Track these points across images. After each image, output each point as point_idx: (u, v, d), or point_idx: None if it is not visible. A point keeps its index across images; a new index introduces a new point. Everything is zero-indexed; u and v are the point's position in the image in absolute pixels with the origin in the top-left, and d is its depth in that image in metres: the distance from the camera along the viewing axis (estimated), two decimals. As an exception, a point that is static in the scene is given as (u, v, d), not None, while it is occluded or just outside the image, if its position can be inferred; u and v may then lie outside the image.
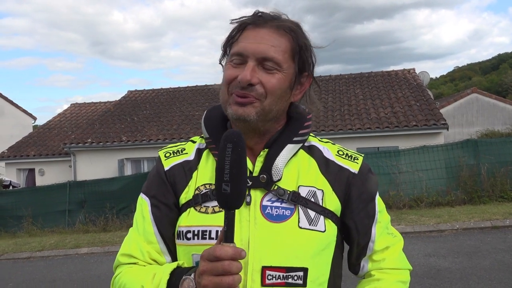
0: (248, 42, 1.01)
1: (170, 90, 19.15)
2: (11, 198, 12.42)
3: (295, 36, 1.04)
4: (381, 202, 1.17)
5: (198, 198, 1.06)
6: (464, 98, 20.42)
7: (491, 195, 9.79)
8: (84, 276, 6.99)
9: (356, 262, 1.16)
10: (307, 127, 1.12)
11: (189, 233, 1.03)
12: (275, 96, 1.02)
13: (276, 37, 1.02)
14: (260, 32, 1.02)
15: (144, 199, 1.12)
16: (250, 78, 0.98)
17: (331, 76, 17.79)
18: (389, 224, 1.19)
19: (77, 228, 11.37)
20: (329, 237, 1.05)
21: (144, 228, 1.08)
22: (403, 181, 10.27)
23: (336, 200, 1.07)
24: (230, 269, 0.81)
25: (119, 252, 1.11)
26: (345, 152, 1.16)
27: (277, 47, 1.01)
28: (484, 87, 44.05)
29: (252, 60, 1.00)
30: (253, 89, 0.99)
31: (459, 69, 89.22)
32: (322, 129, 13.07)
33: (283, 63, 1.01)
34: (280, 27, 1.03)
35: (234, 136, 0.83)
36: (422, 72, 17.08)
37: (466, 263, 5.73)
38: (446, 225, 7.99)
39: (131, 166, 14.95)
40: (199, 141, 1.18)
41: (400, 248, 1.17)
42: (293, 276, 0.99)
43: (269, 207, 1.03)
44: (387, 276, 1.12)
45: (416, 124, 12.49)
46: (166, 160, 1.14)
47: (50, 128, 19.18)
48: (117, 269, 1.10)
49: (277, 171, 1.04)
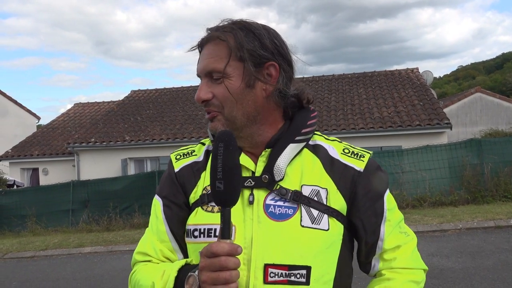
0: (198, 64, 1.09)
1: (173, 90, 19.17)
2: (15, 197, 12.47)
3: (231, 37, 1.04)
4: (391, 200, 1.16)
5: (204, 198, 1.09)
6: (467, 98, 20.34)
7: (494, 195, 9.75)
8: (87, 275, 7.01)
9: (366, 260, 1.16)
10: (311, 126, 1.11)
11: (196, 231, 1.07)
12: (230, 102, 1.04)
13: (213, 48, 1.05)
14: (204, 51, 1.08)
15: (157, 200, 1.17)
16: (202, 96, 1.05)
17: (334, 75, 17.77)
18: (402, 222, 1.17)
19: (81, 227, 11.40)
20: (334, 235, 1.05)
21: (157, 228, 1.14)
22: (406, 181, 10.25)
23: (341, 199, 1.07)
24: (227, 264, 0.84)
25: (136, 250, 1.17)
26: (351, 150, 1.15)
27: (215, 56, 1.04)
28: (488, 86, 43.87)
29: (203, 78, 1.07)
30: (210, 104, 1.06)
31: (463, 68, 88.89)
32: (325, 129, 13.06)
33: (225, 69, 1.03)
34: (214, 38, 1.06)
35: (225, 135, 0.88)
36: (426, 71, 17.03)
37: (470, 263, 5.72)
38: (449, 224, 7.97)
39: (134, 165, 14.98)
40: (208, 143, 1.21)
41: (413, 247, 1.16)
42: (296, 274, 1.00)
43: (272, 206, 1.04)
44: (398, 276, 1.10)
45: (419, 124, 12.46)
46: (176, 162, 1.19)
47: (54, 127, 19.25)
48: (134, 266, 1.16)
49: (279, 171, 1.05)
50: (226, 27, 1.06)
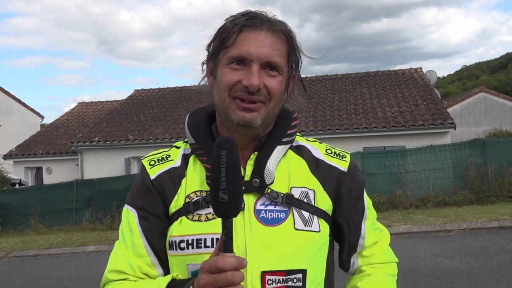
0: (250, 46, 0.98)
1: (176, 89, 19.19)
2: (19, 196, 12.51)
3: (290, 39, 1.04)
4: (368, 199, 1.17)
5: (189, 207, 1.02)
6: (471, 97, 20.26)
7: (498, 195, 9.72)
8: (91, 274, 7.03)
9: (346, 259, 1.17)
10: (294, 127, 1.11)
11: (182, 242, 1.00)
12: (277, 99, 1.02)
13: (276, 41, 1.01)
14: (260, 35, 0.99)
15: (130, 211, 1.07)
16: (259, 83, 0.97)
17: (338, 75, 17.74)
18: (376, 219, 1.20)
19: (84, 226, 11.44)
20: (324, 236, 1.05)
21: (132, 241, 1.04)
22: (410, 181, 10.22)
23: (328, 199, 1.07)
24: (234, 280, 0.78)
25: (107, 269, 1.06)
26: (333, 150, 1.16)
27: (278, 51, 1.00)
28: (492, 86, 43.67)
29: (256, 64, 0.98)
30: (260, 93, 0.99)
31: (467, 68, 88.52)
32: (328, 128, 13.04)
33: (283, 67, 1.02)
34: (278, 30, 1.01)
35: (228, 142, 0.80)
36: (429, 71, 16.98)
37: (473, 264, 5.70)
38: (453, 225, 7.94)
39: (138, 164, 15.00)
40: (183, 146, 1.14)
41: (387, 242, 1.19)
42: (293, 279, 0.99)
43: (263, 211, 1.01)
44: (378, 271, 1.14)
45: (423, 124, 12.42)
46: (151, 169, 1.09)
47: (58, 127, 19.31)
48: (106, 286, 1.05)
49: (269, 174, 1.03)
50: (284, 24, 1.04)
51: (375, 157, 10.46)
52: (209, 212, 1.01)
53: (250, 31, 0.99)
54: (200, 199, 1.03)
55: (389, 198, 10.02)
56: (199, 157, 1.08)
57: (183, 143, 1.15)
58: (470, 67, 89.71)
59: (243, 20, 1.00)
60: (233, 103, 1.00)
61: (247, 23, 1.00)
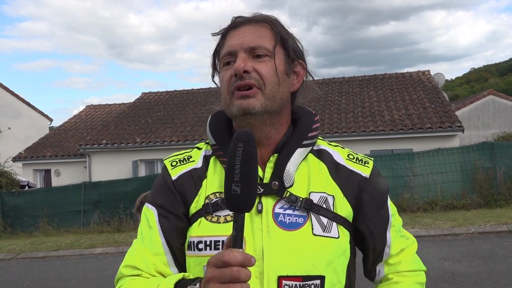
0: (233, 40, 1.03)
1: (183, 92, 19.26)
2: (28, 198, 12.63)
3: (275, 24, 1.05)
4: (393, 206, 1.15)
5: (208, 208, 1.02)
6: (480, 100, 20.09)
7: (507, 199, 9.63)
8: (98, 276, 7.07)
9: (372, 268, 1.15)
10: (316, 129, 1.09)
11: (200, 243, 1.00)
12: (273, 82, 1.01)
13: (257, 28, 1.03)
14: (242, 29, 1.04)
15: (150, 209, 1.07)
16: (244, 65, 0.98)
17: (345, 78, 17.70)
18: (401, 226, 1.18)
19: (92, 228, 11.51)
20: (343, 243, 1.03)
21: (150, 239, 1.04)
22: (418, 184, 10.16)
23: (348, 206, 1.05)
24: (239, 275, 0.74)
25: (122, 264, 1.05)
26: (355, 156, 1.13)
27: (261, 36, 1.02)
28: (500, 89, 43.28)
29: (241, 53, 1.00)
30: (250, 76, 0.99)
31: (475, 71, 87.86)
32: (336, 131, 13.00)
33: (270, 49, 1.02)
34: (259, 21, 1.05)
35: (245, 135, 0.79)
36: (437, 73, 16.88)
37: (482, 268, 5.65)
38: (461, 228, 7.88)
39: (145, 167, 15.07)
40: (205, 148, 1.14)
41: (414, 250, 1.16)
42: (310, 285, 0.97)
43: (281, 214, 1.00)
44: (405, 279, 1.11)
45: (430, 127, 12.35)
46: (173, 169, 1.10)
47: (66, 129, 19.45)
48: (119, 281, 1.04)
49: (288, 177, 1.01)
50: (267, 15, 1.07)
51: (383, 160, 10.41)
52: (228, 214, 1.00)
53: (235, 31, 1.05)
54: (219, 200, 1.02)
55: (396, 202, 9.96)
56: (220, 158, 1.07)
57: (204, 144, 1.16)
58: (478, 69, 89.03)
59: (227, 26, 1.06)
60: (232, 97, 1.01)
61: (232, 26, 1.06)
